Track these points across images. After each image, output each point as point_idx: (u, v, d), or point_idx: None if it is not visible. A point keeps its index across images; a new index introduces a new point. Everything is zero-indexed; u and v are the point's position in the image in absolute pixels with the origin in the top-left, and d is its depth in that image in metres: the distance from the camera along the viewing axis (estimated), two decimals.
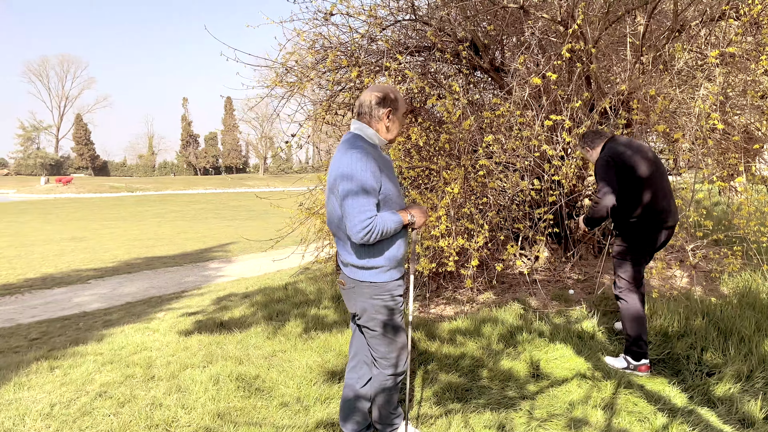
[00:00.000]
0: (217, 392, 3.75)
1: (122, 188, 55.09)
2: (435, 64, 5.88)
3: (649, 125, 5.41)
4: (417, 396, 3.71)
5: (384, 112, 2.80)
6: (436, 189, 5.07)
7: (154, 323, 6.22)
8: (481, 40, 5.85)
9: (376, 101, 2.80)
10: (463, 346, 4.44)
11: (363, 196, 2.59)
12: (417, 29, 6.09)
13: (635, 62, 5.22)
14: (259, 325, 5.33)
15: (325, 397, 3.64)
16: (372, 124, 2.82)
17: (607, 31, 5.36)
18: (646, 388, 3.71)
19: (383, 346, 2.90)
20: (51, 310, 8.55)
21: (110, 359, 4.65)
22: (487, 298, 5.67)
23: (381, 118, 2.80)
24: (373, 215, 2.60)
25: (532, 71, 5.33)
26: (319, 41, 5.97)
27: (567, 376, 3.91)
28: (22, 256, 14.42)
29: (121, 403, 3.66)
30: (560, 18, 5.21)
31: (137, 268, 12.32)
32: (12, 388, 4.05)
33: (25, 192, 51.85)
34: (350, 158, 2.63)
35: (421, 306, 5.59)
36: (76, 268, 12.43)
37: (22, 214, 29.68)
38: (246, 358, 4.41)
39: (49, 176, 66.20)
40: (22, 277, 11.49)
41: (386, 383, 2.96)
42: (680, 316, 4.55)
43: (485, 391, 3.75)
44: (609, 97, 5.18)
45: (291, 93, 6.20)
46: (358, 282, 2.80)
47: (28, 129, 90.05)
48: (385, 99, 2.81)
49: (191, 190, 55.26)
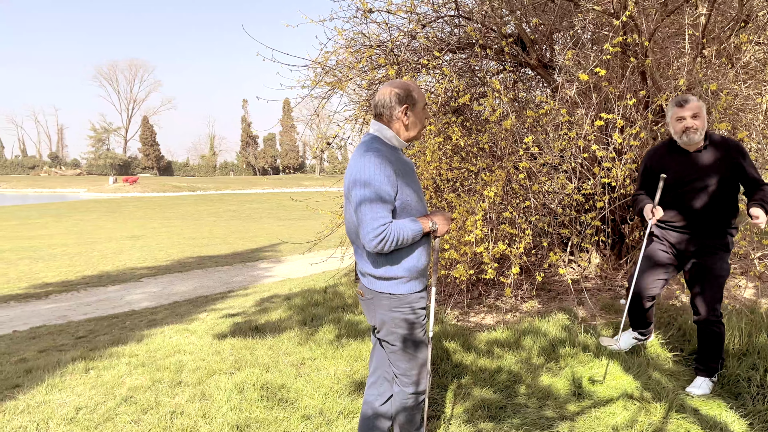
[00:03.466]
0: (240, 402, 3.64)
1: (184, 188, 56.85)
2: (478, 61, 5.62)
3: (710, 123, 4.99)
4: (447, 412, 3.49)
5: (400, 110, 2.60)
6: (475, 192, 4.83)
7: (194, 324, 6.24)
8: (528, 36, 5.57)
9: (391, 99, 2.61)
10: (500, 359, 4.19)
11: (376, 203, 2.41)
12: (459, 25, 5.86)
13: (696, 56, 4.83)
14: (292, 330, 5.23)
15: (349, 411, 3.47)
16: (391, 124, 2.63)
17: (664, 22, 4.99)
18: (701, 413, 3.37)
19: (404, 363, 2.71)
20: (102, 307, 8.76)
21: (143, 362, 4.64)
22: (531, 307, 5.38)
23: (399, 117, 2.61)
24: (387, 222, 2.42)
25: (583, 67, 5.02)
26: (360, 39, 5.83)
27: (612, 396, 3.60)
28: (83, 253, 14.97)
29: (144, 410, 3.61)
30: (613, 9, 4.88)
31: (189, 267, 12.56)
32: (44, 389, 4.08)
33: (95, 191, 54.30)
34: (363, 163, 2.46)
35: (461, 314, 5.35)
36: (131, 266, 12.79)
37: (89, 212, 31.01)
38: (274, 365, 4.31)
39: (117, 176, 69.05)
40: (80, 275, 11.90)
41: (407, 402, 2.77)
42: (742, 333, 4.15)
43: (521, 409, 3.49)
44: (666, 93, 4.81)
45: (331, 92, 6.09)
46: (377, 293, 2.62)
47: (98, 131, 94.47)
48: (400, 95, 2.61)
49: (249, 190, 56.46)
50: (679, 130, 3.49)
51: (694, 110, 3.45)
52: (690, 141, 3.47)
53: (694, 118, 3.44)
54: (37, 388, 4.09)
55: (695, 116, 3.44)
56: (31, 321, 7.92)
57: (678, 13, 4.95)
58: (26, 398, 3.92)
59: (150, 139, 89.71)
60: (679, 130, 3.49)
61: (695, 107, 3.45)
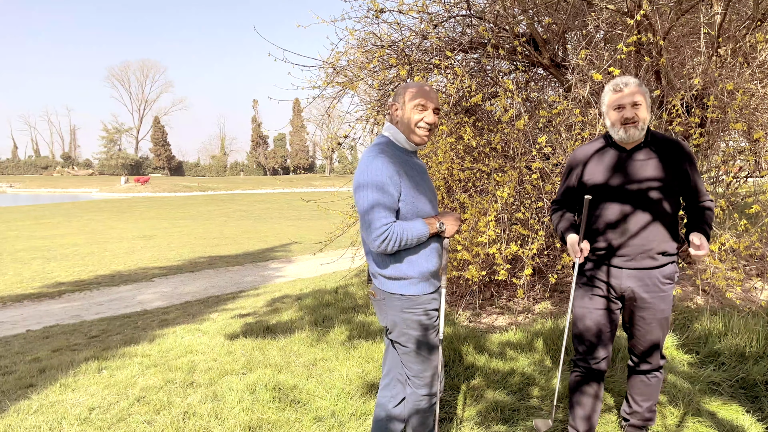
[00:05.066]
0: (252, 402, 3.64)
1: (195, 188, 57.13)
2: (490, 61, 5.59)
3: (725, 123, 4.93)
4: (459, 414, 3.47)
5: (392, 109, 2.63)
6: (487, 192, 4.80)
7: (205, 324, 6.25)
8: (540, 35, 5.52)
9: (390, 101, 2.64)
10: (513, 361, 4.16)
11: (378, 204, 2.41)
12: (471, 25, 5.83)
13: (711, 55, 4.78)
14: (303, 331, 5.23)
15: (361, 412, 3.46)
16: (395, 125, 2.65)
17: (678, 21, 4.93)
18: (718, 417, 3.33)
19: (417, 364, 2.69)
20: (115, 307, 8.80)
21: (155, 362, 4.65)
22: (544, 308, 5.34)
23: (392, 116, 2.64)
24: (389, 222, 2.41)
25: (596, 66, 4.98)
26: (371, 40, 5.82)
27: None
28: (95, 253, 15.06)
29: (157, 410, 3.61)
30: (627, 8, 4.83)
31: (200, 266, 12.60)
32: (57, 389, 4.10)
33: (106, 191, 54.68)
34: (365, 164, 2.48)
35: (473, 315, 5.32)
36: (143, 266, 12.84)
37: (101, 212, 31.21)
38: (286, 366, 4.30)
39: (129, 176, 69.58)
40: (93, 274, 11.96)
41: (420, 404, 2.75)
42: (759, 335, 4.09)
43: (534, 412, 3.46)
44: (681, 92, 4.76)
45: (342, 93, 6.08)
46: (388, 294, 2.61)
47: (110, 131, 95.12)
48: (396, 93, 2.65)
49: (259, 190, 56.65)
50: (617, 122, 2.70)
51: (635, 97, 2.67)
52: (629, 137, 2.69)
53: (635, 107, 2.67)
54: (50, 388, 4.11)
55: (636, 104, 2.67)
56: (45, 320, 7.97)
57: (693, 11, 4.90)
58: (40, 398, 3.94)
59: (161, 139, 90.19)
60: (616, 122, 2.71)
61: (636, 92, 2.68)
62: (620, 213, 2.73)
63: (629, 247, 2.72)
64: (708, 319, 4.48)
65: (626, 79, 2.69)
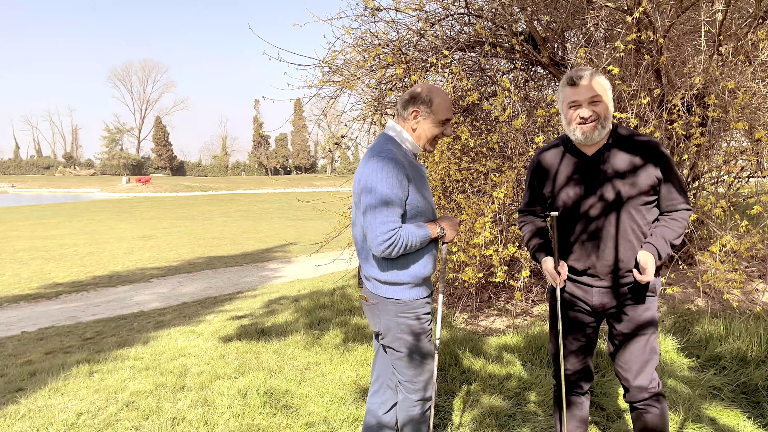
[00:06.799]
0: (243, 408, 3.57)
1: (196, 188, 57.09)
2: (488, 59, 5.51)
3: (727, 122, 4.85)
4: (455, 420, 3.40)
5: (410, 112, 2.51)
6: (484, 193, 4.73)
7: (200, 326, 6.18)
8: (539, 33, 5.45)
9: (406, 98, 2.52)
10: (510, 365, 4.09)
11: (386, 207, 2.34)
12: (469, 23, 5.75)
13: (712, 53, 4.70)
14: (298, 334, 5.16)
15: (354, 418, 3.39)
16: (404, 126, 2.55)
17: (679, 19, 4.86)
18: (719, 423, 3.25)
19: (410, 370, 2.62)
20: (111, 308, 8.74)
21: (147, 365, 4.58)
22: (542, 310, 5.27)
23: (407, 119, 2.52)
24: (397, 227, 2.35)
25: (596, 65, 4.90)
26: (367, 38, 5.75)
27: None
28: (94, 253, 15.01)
29: (146, 416, 3.54)
30: (627, 6, 4.75)
31: (198, 267, 12.54)
32: (47, 393, 4.03)
33: (108, 191, 54.66)
34: (373, 166, 2.38)
35: (470, 318, 5.25)
36: (141, 267, 12.79)
37: (101, 212, 31.19)
38: (279, 370, 4.23)
39: (130, 176, 69.54)
40: (91, 275, 11.90)
41: (413, 411, 2.67)
42: (761, 339, 4.02)
43: (531, 417, 3.39)
44: (681, 91, 4.68)
45: (339, 92, 6.01)
46: (382, 298, 2.54)
47: (112, 131, 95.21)
48: (416, 98, 2.51)
49: (260, 190, 56.60)
50: (572, 122, 2.32)
51: (593, 91, 2.25)
52: (587, 139, 2.30)
53: (593, 104, 2.27)
54: (39, 392, 4.04)
55: (594, 101, 2.26)
56: (40, 322, 7.91)
57: (693, 9, 4.82)
58: (28, 402, 3.87)
59: (163, 139, 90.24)
60: (571, 121, 2.32)
61: (593, 87, 2.25)
62: (583, 230, 2.38)
63: (597, 268, 2.38)
64: (709, 322, 4.40)
65: (581, 71, 2.29)
